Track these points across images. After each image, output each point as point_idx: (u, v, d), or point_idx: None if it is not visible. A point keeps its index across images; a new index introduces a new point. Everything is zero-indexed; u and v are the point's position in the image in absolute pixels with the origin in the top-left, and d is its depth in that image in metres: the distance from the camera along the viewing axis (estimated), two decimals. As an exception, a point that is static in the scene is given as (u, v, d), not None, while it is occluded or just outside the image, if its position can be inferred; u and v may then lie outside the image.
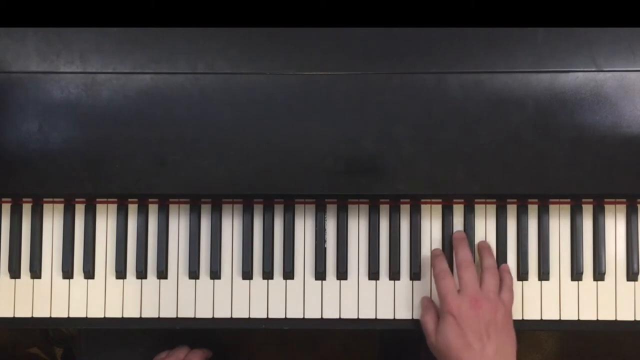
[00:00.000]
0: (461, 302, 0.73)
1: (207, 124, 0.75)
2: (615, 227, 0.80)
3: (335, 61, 0.75)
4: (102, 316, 0.80)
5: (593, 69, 0.75)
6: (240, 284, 0.80)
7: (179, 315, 0.80)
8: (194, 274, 0.80)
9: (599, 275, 0.80)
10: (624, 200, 0.80)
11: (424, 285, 0.80)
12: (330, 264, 0.80)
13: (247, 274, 0.80)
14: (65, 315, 0.80)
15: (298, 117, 0.75)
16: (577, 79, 0.75)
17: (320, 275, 0.80)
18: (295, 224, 0.80)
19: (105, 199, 0.81)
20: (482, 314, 0.72)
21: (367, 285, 0.80)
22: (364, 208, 0.81)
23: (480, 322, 0.72)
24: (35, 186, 0.76)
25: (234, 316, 0.80)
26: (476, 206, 0.81)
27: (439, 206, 0.81)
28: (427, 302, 0.78)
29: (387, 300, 0.80)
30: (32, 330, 1.28)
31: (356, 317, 0.80)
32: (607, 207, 0.80)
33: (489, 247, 0.79)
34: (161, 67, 0.76)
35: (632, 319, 0.79)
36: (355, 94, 0.75)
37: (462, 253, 0.77)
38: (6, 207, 0.81)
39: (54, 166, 0.76)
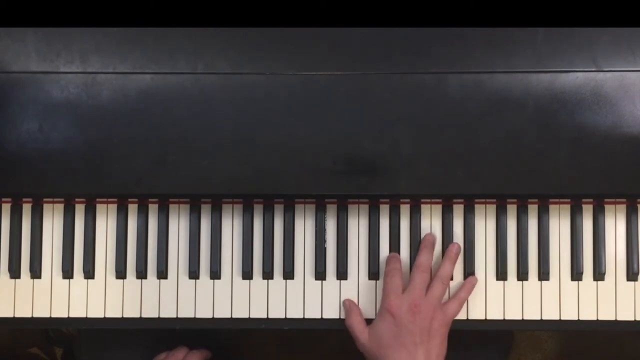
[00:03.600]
0: (401, 303, 0.74)
1: (207, 124, 0.75)
2: (615, 227, 0.80)
3: (335, 61, 0.76)
4: (102, 316, 0.80)
5: (593, 69, 0.75)
6: (240, 284, 0.80)
7: (179, 315, 0.80)
8: (194, 274, 0.80)
9: (599, 275, 0.80)
10: (624, 200, 0.80)
11: (424, 285, 0.80)
12: (330, 264, 0.80)
13: (247, 274, 0.80)
14: (65, 315, 0.80)
15: (298, 117, 0.75)
16: (577, 79, 0.75)
17: (320, 275, 0.80)
18: (295, 224, 0.80)
19: (105, 199, 0.81)
20: (419, 319, 0.73)
21: (367, 285, 0.80)
22: (364, 208, 0.81)
23: (416, 326, 0.73)
24: (35, 186, 0.76)
25: (234, 316, 0.80)
26: (476, 206, 0.81)
27: (439, 206, 0.81)
28: (350, 304, 0.79)
29: (387, 300, 0.80)
30: (32, 330, 1.28)
31: (356, 317, 0.80)
32: (607, 207, 0.80)
33: (454, 256, 0.79)
34: (161, 67, 0.76)
35: (632, 319, 0.79)
36: (355, 94, 0.75)
37: (423, 257, 0.78)
38: (6, 207, 0.81)
39: (54, 166, 0.76)
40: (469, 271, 0.79)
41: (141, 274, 0.80)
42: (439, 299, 0.76)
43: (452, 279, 0.79)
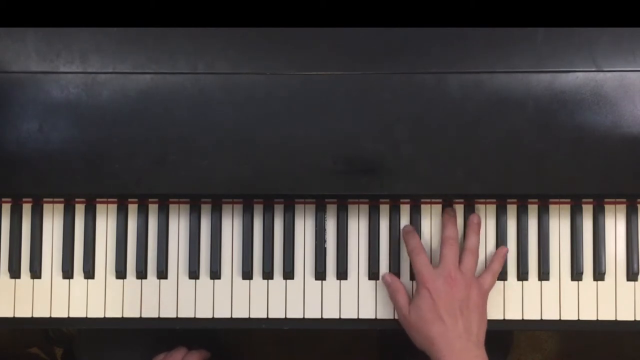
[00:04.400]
0: (437, 277, 0.74)
1: (207, 124, 0.75)
2: (615, 227, 0.80)
3: (335, 61, 0.75)
4: (102, 316, 0.80)
5: (593, 69, 0.75)
6: (240, 284, 0.80)
7: (179, 315, 0.80)
8: (194, 274, 0.80)
9: (599, 275, 0.80)
10: (624, 200, 0.80)
11: (424, 285, 0.80)
12: (330, 264, 0.80)
13: (247, 274, 0.80)
14: (65, 315, 0.80)
15: (298, 117, 0.75)
16: (577, 79, 0.75)
17: (320, 275, 0.80)
18: (295, 224, 0.80)
19: (105, 199, 0.81)
20: (456, 291, 0.73)
21: (367, 285, 0.80)
22: (364, 208, 0.81)
23: (453, 298, 0.73)
24: (35, 186, 0.76)
25: (234, 316, 0.80)
26: (476, 206, 0.81)
27: (439, 206, 0.81)
28: (392, 280, 0.78)
29: (387, 300, 0.80)
30: (32, 330, 1.28)
31: (356, 317, 0.80)
32: (607, 207, 0.80)
33: (477, 225, 0.79)
34: (161, 67, 0.76)
35: (632, 319, 0.79)
36: (355, 94, 0.75)
37: (450, 231, 0.78)
38: (6, 207, 0.81)
39: (54, 166, 0.76)
40: (469, 271, 0.79)
41: (141, 274, 0.80)
42: (473, 271, 0.76)
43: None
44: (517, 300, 0.80)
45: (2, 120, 0.76)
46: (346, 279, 0.80)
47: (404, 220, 0.80)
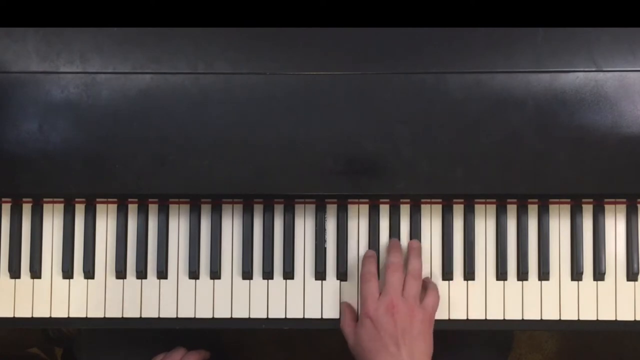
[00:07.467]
0: (379, 306, 0.73)
1: (207, 124, 0.75)
2: (615, 227, 0.80)
3: (335, 61, 0.76)
4: (102, 316, 0.80)
5: (593, 69, 0.75)
6: (240, 284, 0.80)
7: (179, 315, 0.80)
8: (194, 274, 0.80)
9: (599, 275, 0.80)
10: (624, 200, 0.80)
11: (424, 285, 0.80)
12: (330, 264, 0.80)
13: (247, 274, 0.80)
14: (65, 315, 0.80)
15: (298, 117, 0.75)
16: (577, 79, 0.75)
17: (320, 275, 0.80)
18: (295, 224, 0.80)
19: (105, 199, 0.81)
20: (398, 319, 0.72)
21: (367, 285, 0.80)
22: (364, 208, 0.81)
23: (396, 326, 0.72)
24: (35, 186, 0.76)
25: (234, 316, 0.80)
26: (476, 206, 0.81)
27: (439, 206, 0.81)
28: (344, 307, 0.79)
29: (387, 300, 0.80)
30: (32, 330, 1.28)
31: (356, 317, 0.80)
32: (607, 207, 0.80)
33: (417, 249, 0.78)
34: (161, 67, 0.76)
35: (632, 319, 0.79)
36: (355, 94, 0.75)
37: (393, 256, 0.77)
38: (6, 207, 0.81)
39: (54, 166, 0.76)
40: (469, 271, 0.79)
41: (141, 274, 0.80)
42: (415, 297, 0.75)
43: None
44: (517, 300, 0.80)
45: (2, 120, 0.76)
46: (346, 279, 0.80)
47: (404, 220, 0.80)
